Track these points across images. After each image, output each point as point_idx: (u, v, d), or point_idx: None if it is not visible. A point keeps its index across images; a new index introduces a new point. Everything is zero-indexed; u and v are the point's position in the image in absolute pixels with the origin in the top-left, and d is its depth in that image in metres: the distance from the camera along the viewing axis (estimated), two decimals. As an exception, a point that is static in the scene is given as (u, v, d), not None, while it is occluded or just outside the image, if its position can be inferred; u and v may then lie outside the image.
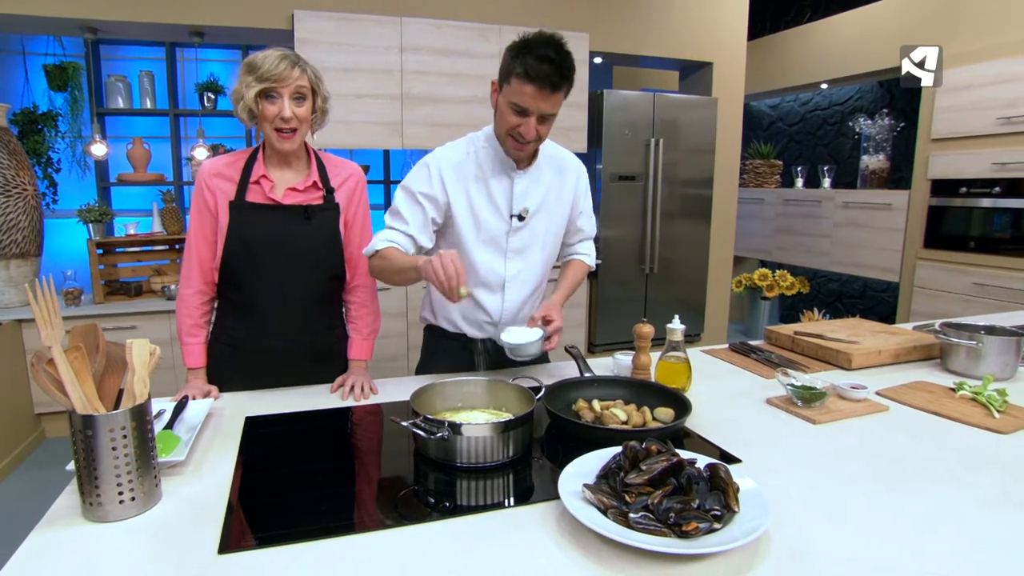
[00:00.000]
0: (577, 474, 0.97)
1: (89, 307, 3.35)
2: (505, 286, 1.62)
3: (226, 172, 1.50)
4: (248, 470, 1.12)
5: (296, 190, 1.52)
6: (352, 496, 1.06)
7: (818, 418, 1.33)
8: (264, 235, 1.48)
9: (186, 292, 1.55)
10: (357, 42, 3.57)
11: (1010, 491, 1.02)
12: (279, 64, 1.37)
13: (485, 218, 1.56)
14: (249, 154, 1.53)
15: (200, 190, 1.50)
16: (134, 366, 0.99)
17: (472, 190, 1.55)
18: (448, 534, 0.91)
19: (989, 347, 1.60)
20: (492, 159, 1.56)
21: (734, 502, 0.87)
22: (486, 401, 1.30)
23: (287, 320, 1.54)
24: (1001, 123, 3.69)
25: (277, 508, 1.01)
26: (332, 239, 1.55)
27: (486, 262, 1.58)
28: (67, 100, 3.94)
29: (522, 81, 1.36)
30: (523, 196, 1.58)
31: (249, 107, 1.40)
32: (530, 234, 1.61)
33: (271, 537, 0.90)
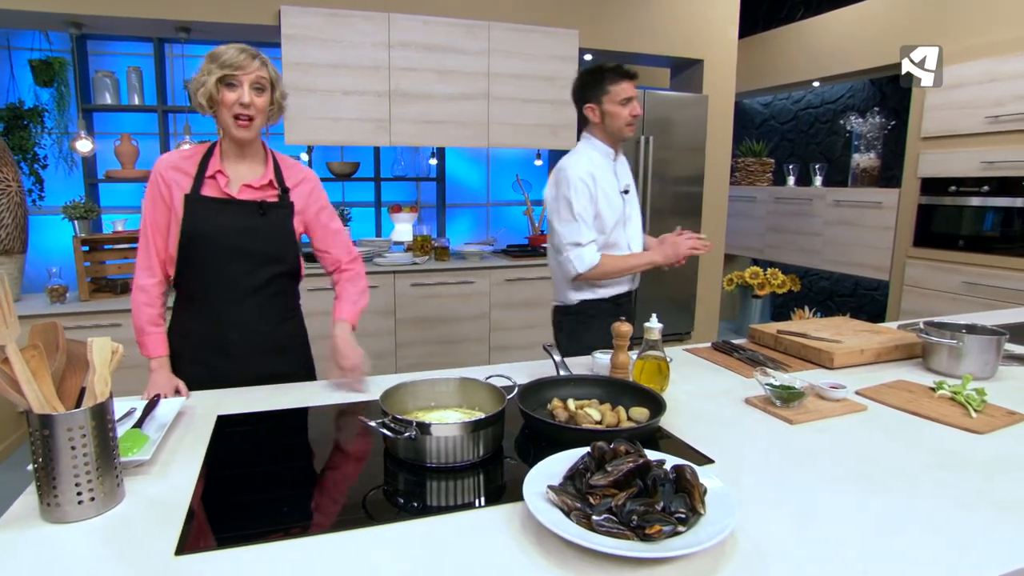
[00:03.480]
0: (543, 475, 0.96)
1: (74, 304, 3.32)
2: (631, 245, 2.17)
3: (183, 166, 1.52)
4: (215, 469, 1.11)
5: (252, 187, 1.55)
6: (318, 496, 1.04)
7: (796, 418, 1.32)
8: (218, 228, 1.51)
9: (146, 283, 1.54)
10: (344, 38, 3.54)
11: (982, 491, 1.01)
12: (240, 54, 1.44)
13: (612, 198, 2.08)
14: (206, 149, 1.55)
15: (155, 182, 1.51)
16: (95, 365, 0.97)
17: (605, 184, 2.06)
18: (413, 535, 0.89)
19: (969, 346, 1.59)
20: (601, 155, 2.11)
21: (700, 504, 0.86)
22: (458, 400, 1.29)
23: (242, 312, 1.57)
24: (990, 122, 3.68)
25: (241, 508, 1.00)
26: (286, 235, 1.59)
27: (617, 235, 2.12)
28: (53, 96, 3.91)
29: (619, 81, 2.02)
30: (622, 177, 2.16)
31: (210, 92, 1.44)
32: (632, 204, 2.19)
33: (232, 538, 0.88)
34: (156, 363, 1.52)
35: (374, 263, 3.76)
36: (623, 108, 2.03)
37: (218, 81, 1.43)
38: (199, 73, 1.46)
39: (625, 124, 2.05)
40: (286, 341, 1.68)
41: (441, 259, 3.98)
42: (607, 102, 2.04)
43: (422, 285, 3.76)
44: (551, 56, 4.00)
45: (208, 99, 1.45)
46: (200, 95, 1.45)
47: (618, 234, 2.13)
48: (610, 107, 2.04)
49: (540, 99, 4.02)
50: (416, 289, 3.75)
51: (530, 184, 4.73)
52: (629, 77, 2.03)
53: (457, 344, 3.90)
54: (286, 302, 1.68)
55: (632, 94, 2.03)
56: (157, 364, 1.52)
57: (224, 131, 1.51)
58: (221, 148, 1.55)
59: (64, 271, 3.49)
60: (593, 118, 2.09)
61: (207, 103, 1.46)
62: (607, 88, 2.03)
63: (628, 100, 2.03)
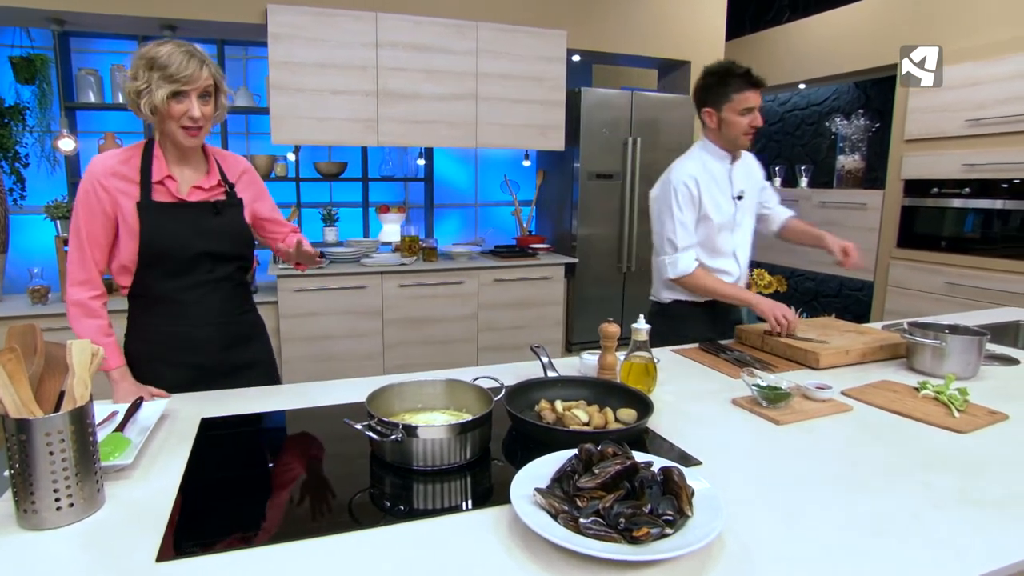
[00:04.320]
0: (531, 477, 0.95)
1: (56, 305, 3.27)
2: (736, 252, 2.15)
3: (123, 171, 1.46)
4: (198, 473, 1.09)
5: (201, 188, 1.54)
6: (304, 500, 1.03)
7: (782, 418, 1.32)
8: (178, 233, 1.49)
9: (83, 297, 1.46)
10: (332, 37, 3.52)
11: (965, 490, 1.02)
12: (188, 65, 1.37)
13: (721, 203, 2.07)
14: (141, 151, 1.49)
15: (92, 192, 1.43)
16: (74, 368, 0.95)
17: (713, 188, 2.07)
18: (399, 539, 0.89)
19: (952, 346, 1.61)
20: (714, 159, 2.09)
21: (687, 506, 0.86)
22: (445, 402, 1.28)
23: (208, 310, 1.57)
24: (970, 125, 3.73)
25: (224, 513, 0.98)
26: (240, 230, 1.60)
27: (723, 239, 2.11)
28: (35, 93, 3.84)
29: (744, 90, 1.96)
30: (737, 181, 2.12)
31: (154, 104, 1.37)
32: (745, 210, 2.15)
33: (215, 543, 0.87)
34: (117, 373, 1.46)
35: (361, 263, 3.74)
36: (743, 118, 1.97)
37: (166, 94, 1.37)
38: (136, 79, 1.38)
39: (742, 134, 2.00)
40: (249, 330, 1.70)
41: (429, 260, 3.97)
42: (727, 109, 1.98)
43: (410, 286, 3.74)
44: (539, 56, 4.00)
45: (152, 110, 1.39)
46: (144, 105, 1.38)
47: (724, 239, 2.10)
48: (729, 115, 1.99)
49: (528, 99, 4.02)
50: (404, 290, 3.73)
51: (518, 184, 4.73)
52: (756, 86, 1.96)
53: (445, 345, 3.89)
54: (245, 293, 1.70)
55: (755, 104, 1.97)
56: (119, 375, 1.46)
57: (169, 137, 1.47)
58: (163, 151, 1.50)
59: (46, 272, 3.44)
60: (710, 123, 2.05)
61: (151, 113, 1.40)
62: (730, 96, 1.96)
63: (750, 110, 1.97)
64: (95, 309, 1.48)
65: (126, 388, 1.44)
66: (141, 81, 1.37)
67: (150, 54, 1.37)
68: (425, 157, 4.49)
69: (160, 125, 1.45)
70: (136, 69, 1.38)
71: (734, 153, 2.10)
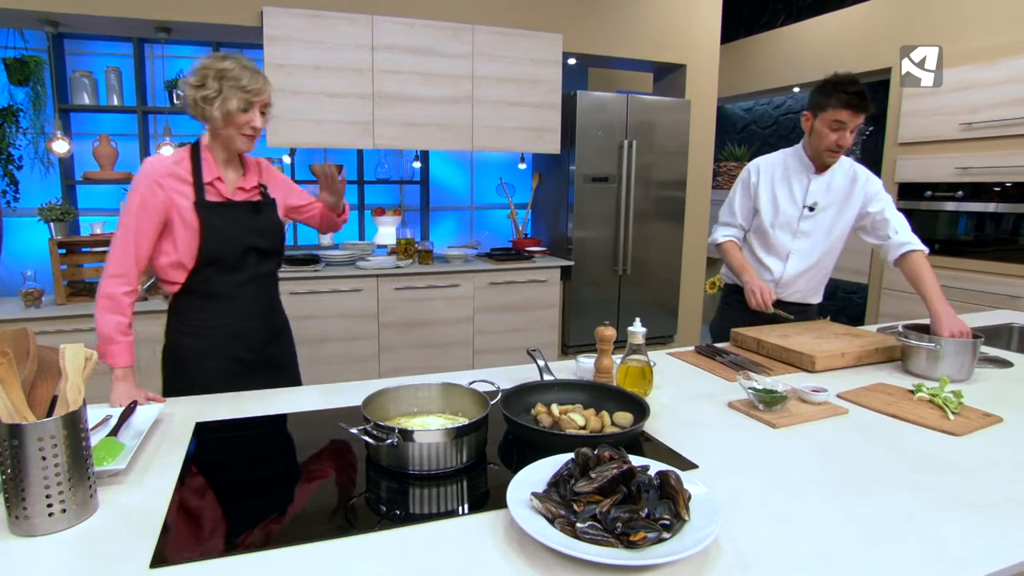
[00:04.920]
0: (527, 482, 0.95)
1: (50, 308, 3.25)
2: (790, 256, 2.20)
3: (177, 171, 1.56)
4: (193, 478, 1.09)
5: (243, 189, 1.66)
6: (299, 505, 1.02)
7: (778, 422, 1.32)
8: (232, 230, 1.61)
9: (116, 291, 1.52)
10: (327, 40, 3.52)
11: (960, 493, 1.03)
12: (257, 80, 1.54)
13: (781, 203, 2.18)
14: (190, 154, 1.60)
15: (151, 189, 1.52)
16: (67, 372, 0.94)
17: (776, 184, 2.18)
18: (395, 544, 0.88)
19: (947, 349, 1.62)
20: (795, 162, 2.17)
21: (684, 510, 0.85)
22: (441, 406, 1.28)
23: (255, 302, 1.70)
24: (963, 128, 3.76)
25: (219, 518, 0.98)
26: (277, 227, 1.74)
27: (778, 237, 2.20)
28: (29, 95, 3.82)
29: (839, 107, 1.96)
30: (815, 193, 2.15)
31: (229, 111, 1.51)
32: (818, 222, 2.16)
33: (209, 550, 0.86)
34: (122, 372, 1.50)
35: (357, 266, 3.73)
36: (832, 133, 1.99)
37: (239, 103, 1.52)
38: (205, 88, 1.51)
39: (825, 148, 2.03)
40: (281, 326, 1.82)
41: (425, 262, 3.96)
42: (821, 118, 2.01)
43: (406, 289, 3.74)
44: (535, 59, 4.00)
45: (224, 115, 1.52)
46: (216, 108, 1.51)
47: (780, 239, 2.19)
48: (820, 124, 2.02)
49: (524, 102, 4.02)
50: (400, 293, 3.72)
51: (514, 187, 4.73)
52: (851, 107, 1.94)
53: (441, 348, 3.88)
54: (278, 290, 1.83)
55: (845, 121, 1.96)
56: (123, 374, 1.50)
57: (224, 142, 1.59)
58: (212, 155, 1.61)
59: (40, 274, 3.42)
60: (804, 126, 2.10)
61: (222, 119, 1.53)
62: (828, 107, 1.98)
63: (839, 126, 1.98)
64: (123, 305, 1.53)
65: (125, 389, 1.46)
66: (211, 90, 1.51)
67: (219, 66, 1.52)
68: (421, 160, 4.49)
69: (219, 130, 1.57)
70: (204, 79, 1.51)
71: (819, 164, 2.11)
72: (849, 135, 2.00)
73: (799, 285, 2.23)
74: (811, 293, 2.28)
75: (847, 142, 2.01)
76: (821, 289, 2.32)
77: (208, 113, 1.52)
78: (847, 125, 1.97)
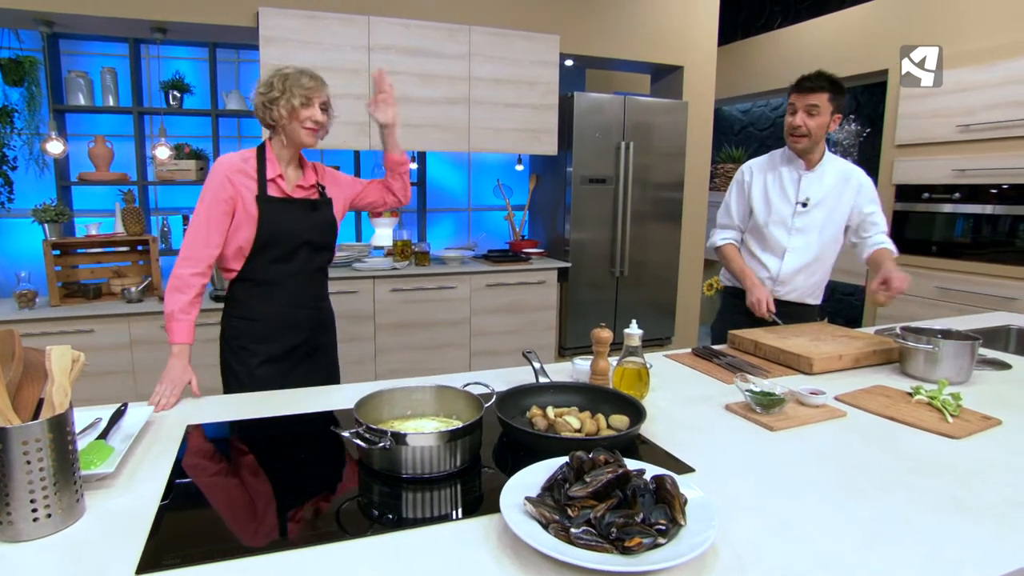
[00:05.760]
0: (521, 486, 0.94)
1: (44, 310, 3.23)
2: (786, 253, 2.22)
3: (245, 169, 1.71)
4: (181, 482, 1.07)
5: (302, 187, 1.80)
6: (290, 509, 1.01)
7: (776, 424, 1.31)
8: (288, 223, 1.74)
9: (185, 272, 1.66)
10: (323, 40, 3.50)
11: (959, 497, 1.01)
12: (314, 80, 1.71)
13: (774, 200, 2.21)
14: (256, 154, 1.74)
15: (222, 183, 1.68)
16: (54, 374, 0.93)
17: (768, 182, 2.22)
18: (386, 549, 0.87)
19: (945, 351, 1.61)
20: (783, 161, 2.22)
21: (680, 515, 0.84)
22: (435, 409, 1.26)
23: (307, 292, 1.83)
24: (960, 130, 3.76)
25: (208, 523, 0.96)
26: (331, 225, 1.85)
27: (773, 234, 2.22)
28: (24, 96, 3.80)
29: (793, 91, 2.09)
30: (807, 189, 2.17)
31: (293, 107, 1.67)
32: (812, 218, 2.18)
33: (197, 555, 0.85)
34: (178, 349, 1.61)
35: (353, 268, 3.72)
36: (787, 117, 2.10)
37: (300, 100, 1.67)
38: (273, 90, 1.68)
39: (787, 133, 2.12)
40: (328, 317, 1.96)
41: (421, 264, 3.95)
42: (788, 111, 2.11)
43: (402, 290, 3.72)
44: (532, 61, 4.00)
45: (290, 112, 1.67)
46: (282, 107, 1.67)
47: (776, 236, 2.21)
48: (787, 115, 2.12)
49: (521, 104, 4.01)
50: (396, 294, 3.71)
51: (511, 189, 4.72)
52: (796, 89, 2.06)
53: (437, 350, 3.87)
54: (327, 283, 1.95)
55: (795, 104, 2.06)
56: (179, 350, 1.61)
57: (289, 139, 1.72)
58: (275, 154, 1.75)
59: (34, 276, 3.40)
60: None
61: (288, 116, 1.68)
62: (791, 96, 2.09)
63: (792, 109, 2.08)
64: (190, 284, 1.65)
65: (175, 366, 1.57)
66: (276, 91, 1.68)
67: (282, 72, 1.70)
68: (418, 161, 4.48)
69: (286, 126, 1.70)
70: (270, 85, 1.69)
71: (808, 160, 2.17)
72: (803, 116, 2.06)
73: (797, 283, 2.24)
74: (809, 293, 2.29)
75: (799, 121, 2.06)
76: (820, 290, 2.32)
77: (275, 112, 1.68)
78: (796, 105, 2.06)
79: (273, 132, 1.75)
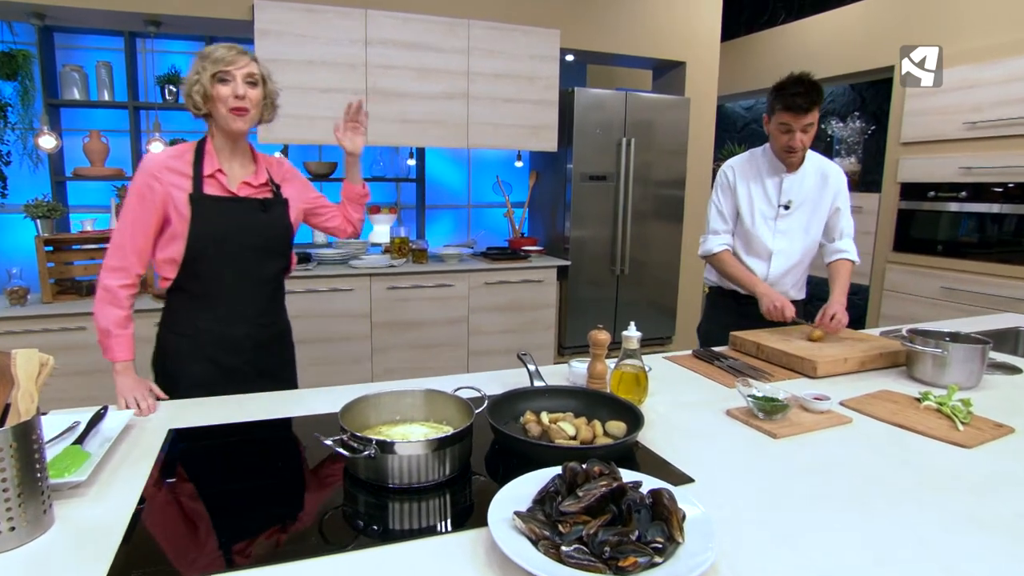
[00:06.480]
0: (511, 498, 0.89)
1: (36, 307, 3.19)
2: (772, 256, 2.17)
3: (176, 165, 1.51)
4: (157, 491, 1.02)
5: (250, 184, 1.59)
6: (269, 521, 0.96)
7: (779, 432, 1.26)
8: (228, 226, 1.53)
9: (113, 284, 1.49)
10: (320, 34, 3.45)
11: (973, 512, 0.96)
12: (230, 51, 1.48)
13: (756, 202, 2.16)
14: (194, 148, 1.55)
15: (147, 182, 1.48)
16: (19, 379, 0.88)
17: (752, 186, 2.16)
18: (370, 565, 0.82)
19: (954, 355, 1.55)
20: (768, 165, 2.14)
21: (678, 532, 0.79)
22: (425, 414, 1.22)
23: (251, 306, 1.62)
24: (967, 128, 3.70)
25: (183, 535, 0.91)
26: (285, 229, 1.64)
27: (758, 237, 2.17)
28: (17, 90, 3.76)
29: (782, 111, 1.97)
30: (788, 191, 2.13)
31: (204, 88, 1.47)
32: (794, 220, 2.15)
33: (169, 572, 0.80)
34: (122, 366, 1.47)
35: (350, 265, 3.67)
36: (780, 135, 2.02)
37: (211, 77, 1.46)
38: (191, 73, 1.49)
39: (780, 149, 2.05)
40: (278, 335, 1.73)
41: (419, 261, 3.90)
42: (772, 121, 2.04)
43: (399, 288, 3.67)
44: (532, 56, 3.94)
45: (203, 96, 1.48)
46: (195, 92, 1.48)
47: (760, 239, 2.17)
48: (772, 127, 2.05)
49: (521, 99, 3.96)
50: (392, 292, 3.66)
51: (510, 186, 4.67)
52: (791, 109, 1.94)
53: (434, 349, 3.82)
54: (281, 295, 1.73)
55: (790, 124, 1.96)
56: (122, 368, 1.47)
57: (219, 127, 1.53)
58: (214, 147, 1.55)
59: (26, 272, 3.36)
60: (766, 129, 2.12)
61: (202, 100, 1.49)
62: (774, 107, 2.00)
63: (785, 128, 1.99)
64: (121, 298, 1.50)
65: (125, 382, 1.44)
66: (193, 72, 1.48)
67: (202, 52, 1.50)
68: (416, 157, 4.43)
69: (212, 115, 1.51)
70: (192, 67, 1.50)
71: (787, 163, 2.11)
72: (800, 135, 1.98)
73: (785, 284, 2.21)
74: (795, 291, 2.27)
75: (797, 143, 1.99)
76: (804, 286, 2.31)
77: (195, 99, 1.49)
78: (792, 127, 1.97)
79: (208, 122, 1.55)
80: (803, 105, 1.93)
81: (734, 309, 2.24)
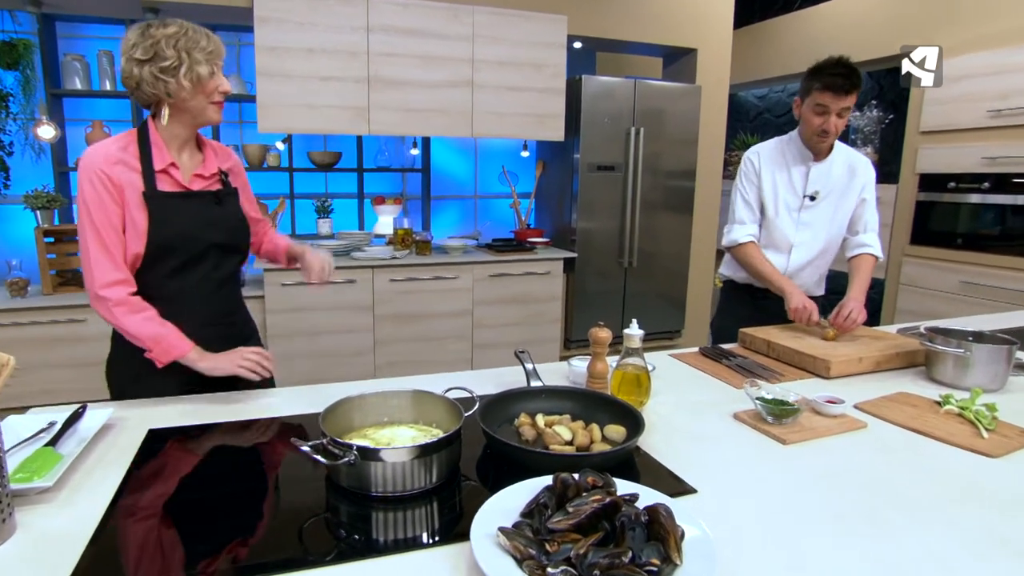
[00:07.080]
0: (497, 511, 0.83)
1: (36, 298, 3.17)
2: (792, 249, 2.09)
3: (124, 158, 1.35)
4: (128, 498, 0.97)
5: (202, 176, 1.46)
6: (246, 531, 0.90)
7: (789, 437, 1.19)
8: (187, 224, 1.40)
9: (122, 296, 1.34)
10: (321, 21, 3.38)
11: (998, 530, 0.89)
12: (218, 41, 1.39)
13: (781, 191, 2.06)
14: (136, 139, 1.37)
15: (100, 181, 1.31)
16: (-26, 381, 0.83)
17: (777, 174, 2.07)
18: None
19: (977, 356, 1.47)
20: (795, 153, 2.05)
21: (676, 553, 0.73)
22: (414, 416, 1.15)
23: (214, 306, 1.50)
24: (992, 116, 3.57)
25: (152, 545, 0.86)
26: (241, 220, 1.52)
27: (780, 228, 2.08)
28: (18, 79, 3.72)
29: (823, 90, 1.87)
30: (815, 181, 2.03)
31: (200, 76, 1.33)
32: (819, 212, 2.06)
33: (127, 588, 0.75)
34: (195, 354, 1.36)
35: (352, 256, 3.61)
36: (814, 116, 1.91)
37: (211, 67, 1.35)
38: (165, 59, 1.30)
39: (812, 133, 1.95)
40: (242, 332, 1.59)
41: (423, 253, 3.83)
42: (807, 103, 1.94)
43: (402, 280, 3.62)
44: (538, 43, 3.85)
45: (193, 82, 1.33)
46: (184, 77, 1.31)
47: (782, 231, 2.08)
48: (806, 109, 1.94)
49: (527, 87, 3.87)
50: (395, 284, 3.60)
51: (517, 176, 4.59)
52: (832, 89, 1.85)
53: (438, 342, 3.77)
54: (240, 291, 1.63)
55: (826, 104, 1.87)
56: (197, 355, 1.36)
57: (186, 117, 1.39)
58: (163, 138, 1.39)
59: (26, 264, 3.33)
60: (795, 113, 2.03)
61: (191, 86, 1.33)
62: (811, 88, 1.90)
63: (822, 110, 1.89)
64: (136, 303, 1.35)
65: (219, 361, 1.37)
66: (171, 59, 1.30)
67: (168, 32, 1.31)
68: (420, 147, 4.36)
69: (188, 102, 1.36)
70: (155, 50, 1.30)
71: (816, 152, 2.02)
72: (835, 119, 1.90)
73: (803, 278, 2.12)
74: (815, 287, 2.19)
75: (832, 127, 1.91)
76: (823, 282, 2.23)
77: (172, 86, 1.32)
78: (830, 108, 1.88)
79: (161, 110, 1.36)
80: (844, 86, 1.84)
81: (749, 303, 2.17)
